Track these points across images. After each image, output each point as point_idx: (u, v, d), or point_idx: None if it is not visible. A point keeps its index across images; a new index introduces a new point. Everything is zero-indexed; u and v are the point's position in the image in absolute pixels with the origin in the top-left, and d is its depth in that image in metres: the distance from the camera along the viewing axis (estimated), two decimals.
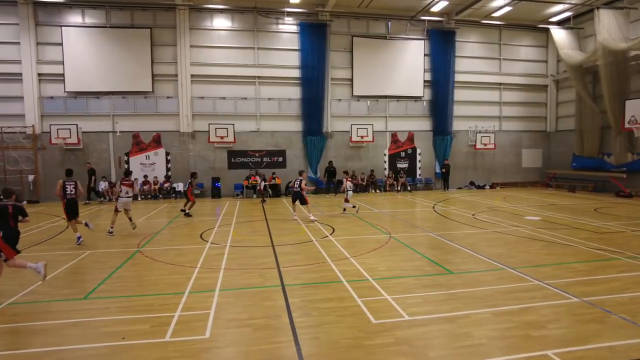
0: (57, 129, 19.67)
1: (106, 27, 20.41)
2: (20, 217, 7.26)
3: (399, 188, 22.92)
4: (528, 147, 25.76)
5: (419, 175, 24.20)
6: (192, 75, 21.09)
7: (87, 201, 19.23)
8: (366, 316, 5.65)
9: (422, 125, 24.05)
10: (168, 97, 21.12)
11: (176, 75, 20.97)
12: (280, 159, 22.30)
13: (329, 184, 21.71)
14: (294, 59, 21.92)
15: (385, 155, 23.67)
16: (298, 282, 7.23)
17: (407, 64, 23.28)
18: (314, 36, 21.70)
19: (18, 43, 19.69)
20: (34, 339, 5.15)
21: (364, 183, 22.61)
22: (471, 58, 24.30)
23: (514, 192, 22.14)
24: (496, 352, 4.68)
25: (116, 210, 11.84)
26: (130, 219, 12.10)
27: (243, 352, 4.78)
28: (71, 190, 10.71)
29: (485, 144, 24.13)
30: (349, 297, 6.39)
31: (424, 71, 23.48)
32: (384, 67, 22.98)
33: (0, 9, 19.59)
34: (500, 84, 24.87)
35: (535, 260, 8.44)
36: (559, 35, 23.23)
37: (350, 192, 15.23)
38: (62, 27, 20.00)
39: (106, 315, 5.88)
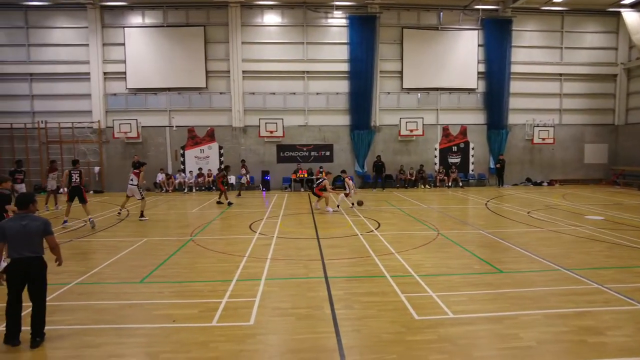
0: (119, 124, 21.01)
1: (163, 26, 21.45)
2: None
3: (450, 184, 22.25)
4: (591, 141, 24.00)
5: (472, 170, 23.35)
6: (243, 72, 21.66)
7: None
8: (409, 312, 5.59)
9: (475, 118, 23.14)
10: (221, 93, 21.85)
11: (228, 72, 21.62)
12: (328, 153, 22.39)
13: (377, 178, 21.50)
14: (343, 52, 21.85)
15: (435, 149, 23.05)
16: (341, 274, 7.27)
17: (459, 55, 22.47)
18: (363, 29, 21.49)
19: (87, 45, 21.20)
20: (97, 316, 5.58)
21: (413, 178, 22.17)
22: (529, 48, 22.98)
23: (575, 190, 20.77)
24: (546, 355, 4.47)
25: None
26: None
27: (285, 340, 4.90)
28: (76, 179, 12.11)
29: (543, 139, 22.79)
30: (392, 292, 6.33)
31: (478, 62, 22.54)
32: (436, 58, 22.33)
33: (72, 14, 21.20)
34: (561, 74, 23.32)
35: (596, 262, 7.91)
36: (632, 18, 21.32)
37: (353, 191, 15.27)
38: (125, 28, 21.26)
39: (159, 298, 6.25)
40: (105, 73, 21.50)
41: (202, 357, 4.49)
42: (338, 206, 14.43)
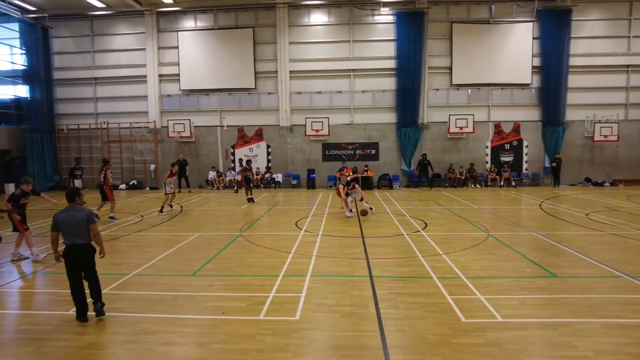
0: (174, 124, 22.06)
1: (214, 29, 22.23)
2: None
3: (501, 183, 21.39)
4: None
5: (525, 169, 22.30)
6: (290, 72, 22.00)
7: (180, 189, 20.92)
8: (456, 314, 5.48)
9: (529, 114, 22.05)
10: (269, 93, 22.33)
11: (276, 72, 22.05)
12: (373, 151, 22.24)
13: (422, 177, 21.06)
14: (389, 49, 21.60)
15: (487, 147, 22.22)
16: (386, 274, 7.25)
17: (512, 49, 21.49)
18: (411, 25, 21.12)
19: (144, 49, 22.46)
20: (153, 305, 5.95)
21: (463, 177, 21.53)
22: (590, 38, 21.52)
23: None
24: None
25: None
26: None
27: (329, 337, 4.98)
28: (101, 178, 13.05)
29: (605, 136, 21.29)
30: (439, 294, 6.24)
31: (533, 56, 21.44)
32: (487, 53, 21.51)
33: (132, 21, 22.52)
34: (627, 66, 21.64)
35: None
36: None
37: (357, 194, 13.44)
38: (178, 32, 22.27)
39: (210, 291, 6.54)
40: (160, 75, 22.66)
41: (250, 349, 4.66)
42: (351, 210, 13.16)
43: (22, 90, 22.97)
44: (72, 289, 5.49)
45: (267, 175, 22.20)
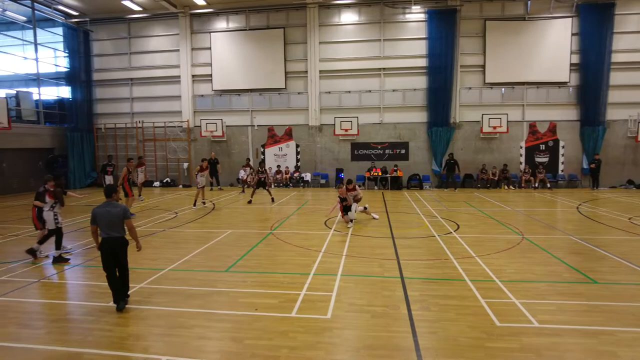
0: (206, 123, 22.57)
1: (246, 29, 22.57)
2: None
3: (536, 185, 20.73)
4: None
5: (562, 171, 21.53)
6: (320, 71, 22.08)
7: (212, 187, 21.44)
8: (490, 318, 5.38)
9: (566, 114, 21.26)
10: (299, 93, 22.49)
11: (306, 72, 22.18)
12: (403, 151, 22.03)
13: (449, 177, 20.67)
14: (421, 48, 21.34)
15: (521, 147, 21.59)
16: (418, 276, 7.18)
17: (549, 46, 20.77)
18: (443, 23, 20.78)
19: (178, 50, 23.08)
20: (188, 300, 6.13)
21: (496, 178, 21.00)
22: (635, 33, 20.52)
23: None
24: None
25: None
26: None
27: (361, 336, 4.99)
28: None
29: None
30: (472, 297, 6.14)
31: (571, 53, 20.66)
32: (522, 50, 20.88)
33: (166, 23, 23.18)
34: None
35: None
36: None
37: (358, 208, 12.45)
38: (211, 33, 22.75)
39: (243, 287, 6.68)
40: (193, 76, 23.22)
41: (283, 346, 4.74)
42: (351, 220, 11.66)
43: (64, 91, 24.07)
44: (109, 279, 5.86)
45: (296, 174, 22.37)
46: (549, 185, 20.63)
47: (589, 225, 11.71)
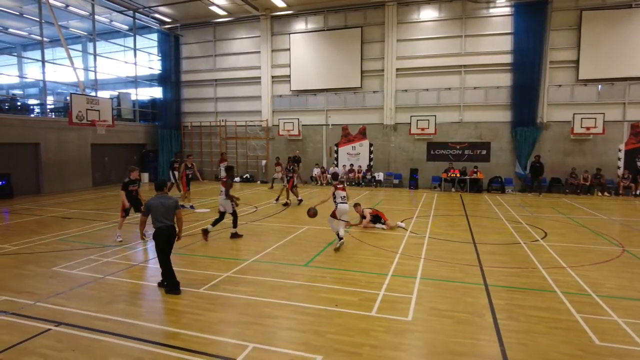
0: (284, 123, 23.32)
1: (324, 30, 22.92)
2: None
3: (637, 192, 18.62)
4: None
5: None
6: (397, 69, 21.77)
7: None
8: (587, 334, 4.99)
9: None
10: (374, 92, 22.38)
11: (382, 70, 21.99)
12: (484, 152, 20.96)
13: (534, 181, 19.26)
14: (505, 43, 20.13)
15: (619, 150, 19.50)
16: (502, 284, 6.84)
17: None
18: (531, 16, 19.42)
19: (259, 52, 24.09)
20: (270, 291, 6.42)
21: (588, 183, 19.20)
22: None
23: None
24: None
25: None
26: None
27: (444, 341, 4.88)
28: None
29: None
30: (564, 310, 5.72)
31: None
32: (625, 42, 18.83)
33: (249, 25, 24.32)
34: None
35: None
36: None
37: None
38: (290, 35, 23.42)
39: (322, 282, 6.84)
40: (273, 77, 24.09)
41: (364, 344, 4.79)
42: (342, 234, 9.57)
43: (156, 92, 26.26)
44: (164, 263, 6.43)
45: (368, 173, 22.29)
46: None
47: None
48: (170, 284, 6.45)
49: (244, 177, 24.56)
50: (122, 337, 4.96)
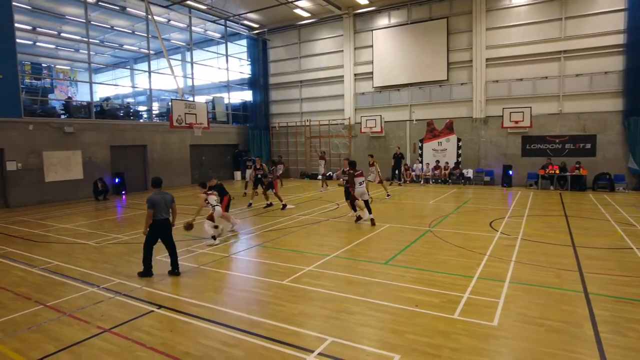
0: (366, 120, 23.29)
1: (407, 24, 22.38)
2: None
3: None
4: None
5: None
6: (486, 59, 20.49)
7: (392, 181, 21.89)
8: None
9: None
10: (462, 84, 21.32)
11: (470, 61, 20.86)
12: (588, 145, 18.82)
13: None
14: (616, 22, 17.81)
15: None
16: (607, 293, 6.12)
17: None
18: None
19: (341, 51, 24.32)
20: (351, 287, 6.49)
21: None
22: None
23: None
24: None
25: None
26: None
27: (534, 350, 4.53)
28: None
29: None
30: None
31: None
32: None
33: (331, 25, 24.69)
34: None
35: None
36: None
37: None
38: (373, 31, 23.26)
39: (402, 282, 6.74)
40: (355, 75, 24.16)
41: (444, 346, 4.64)
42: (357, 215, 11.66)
43: (247, 95, 27.85)
44: (148, 253, 7.24)
45: (456, 170, 21.30)
46: None
47: None
48: (146, 269, 7.27)
49: (327, 175, 24.96)
50: (212, 322, 5.39)
